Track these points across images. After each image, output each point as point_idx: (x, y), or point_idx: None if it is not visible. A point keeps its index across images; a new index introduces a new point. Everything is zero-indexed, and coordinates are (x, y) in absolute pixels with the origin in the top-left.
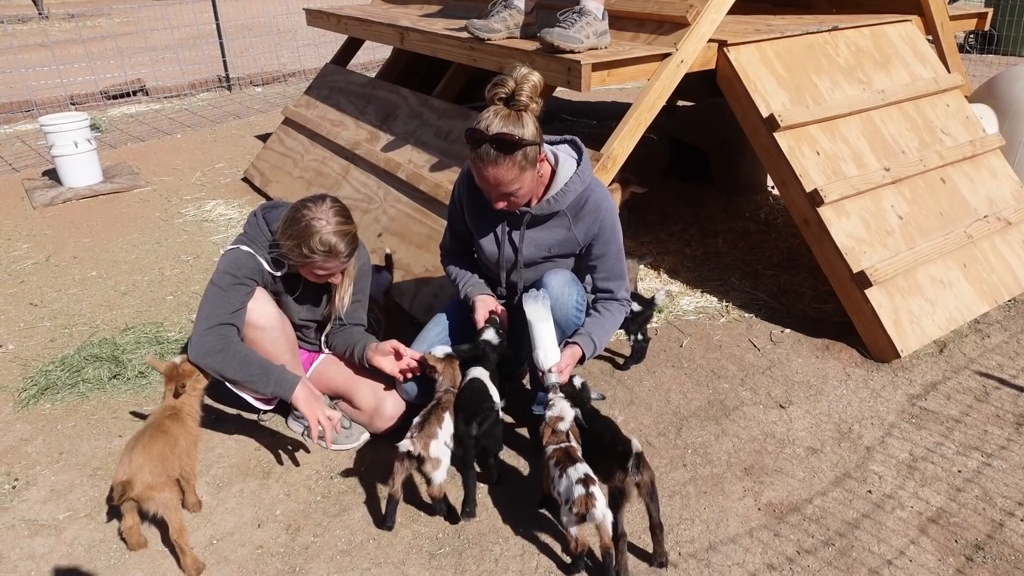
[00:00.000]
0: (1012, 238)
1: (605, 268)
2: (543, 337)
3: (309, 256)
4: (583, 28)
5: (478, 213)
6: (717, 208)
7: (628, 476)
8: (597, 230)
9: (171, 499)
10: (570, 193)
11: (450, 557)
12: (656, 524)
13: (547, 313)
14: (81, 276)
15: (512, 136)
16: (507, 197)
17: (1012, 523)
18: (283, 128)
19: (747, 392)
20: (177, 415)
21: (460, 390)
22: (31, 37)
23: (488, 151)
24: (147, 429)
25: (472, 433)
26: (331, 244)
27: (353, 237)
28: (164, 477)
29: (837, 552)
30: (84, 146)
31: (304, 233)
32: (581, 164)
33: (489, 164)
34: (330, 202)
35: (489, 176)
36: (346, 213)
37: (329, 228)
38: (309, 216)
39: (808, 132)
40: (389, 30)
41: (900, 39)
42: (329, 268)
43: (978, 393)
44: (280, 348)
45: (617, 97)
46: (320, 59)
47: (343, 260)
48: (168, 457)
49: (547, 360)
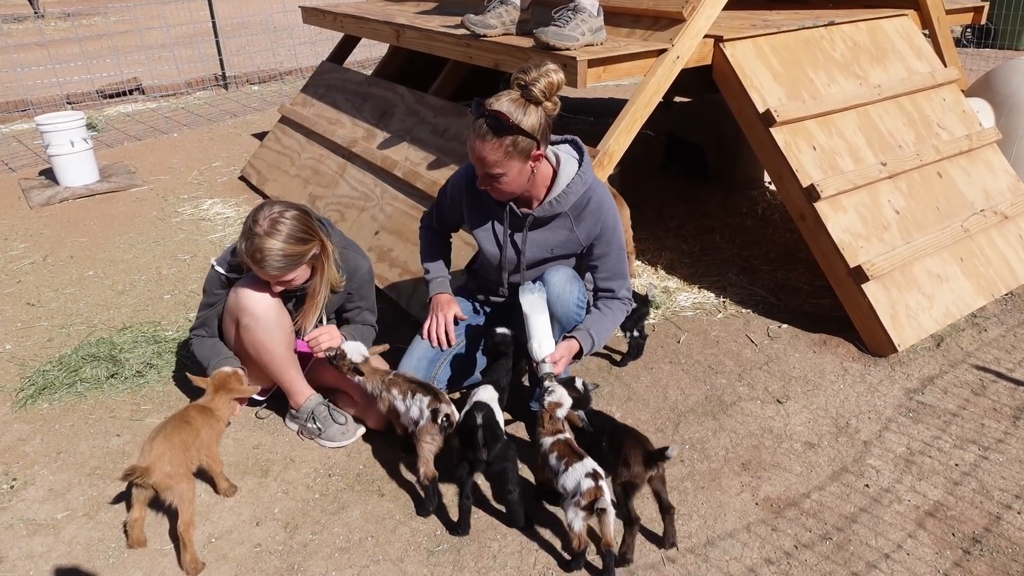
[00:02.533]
0: (1009, 232)
1: (606, 268)
2: (538, 328)
3: (243, 256)
4: (578, 25)
5: (479, 212)
6: (714, 204)
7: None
8: (599, 230)
9: (187, 491)
10: (572, 195)
11: (448, 554)
12: (667, 506)
13: (543, 305)
14: (78, 275)
15: (508, 119)
16: (490, 181)
17: (1009, 516)
18: (280, 126)
19: (744, 387)
20: (206, 410)
21: (467, 411)
22: (27, 36)
23: (481, 125)
24: (171, 420)
25: (483, 457)
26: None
27: (289, 257)
28: (184, 468)
29: (835, 546)
30: (80, 145)
31: (243, 236)
32: (582, 165)
33: (477, 138)
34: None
35: (476, 150)
36: (295, 232)
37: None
38: (256, 217)
39: (804, 127)
40: (385, 27)
41: (896, 33)
42: (263, 277)
43: (975, 387)
44: (275, 339)
45: (613, 93)
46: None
47: (272, 271)
48: (189, 448)
49: (541, 351)
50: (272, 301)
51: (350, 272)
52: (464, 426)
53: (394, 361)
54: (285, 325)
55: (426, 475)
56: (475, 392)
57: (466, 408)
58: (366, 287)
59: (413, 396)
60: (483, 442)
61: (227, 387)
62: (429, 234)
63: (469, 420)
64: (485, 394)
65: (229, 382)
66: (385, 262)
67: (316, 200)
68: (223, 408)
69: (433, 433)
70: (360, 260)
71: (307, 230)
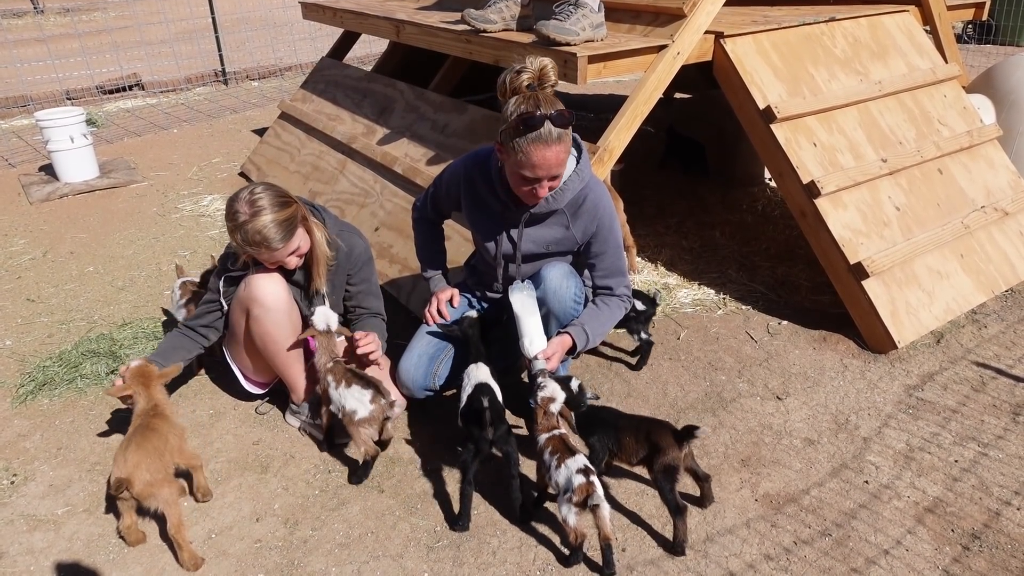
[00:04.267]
0: (1009, 228)
1: (604, 266)
2: (529, 326)
3: (242, 249)
4: (579, 20)
5: (477, 211)
6: (714, 200)
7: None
8: (595, 228)
9: (170, 495)
10: (568, 192)
11: (448, 550)
12: (703, 476)
13: (533, 303)
14: (78, 271)
15: (566, 112)
16: (547, 184)
17: (1008, 512)
18: (279, 122)
19: (744, 384)
20: (160, 413)
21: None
22: (26, 32)
23: (551, 130)
24: (137, 430)
25: (488, 437)
26: (259, 238)
27: (281, 223)
28: (162, 473)
29: (834, 542)
30: (80, 141)
31: (231, 228)
32: (580, 162)
33: (547, 145)
34: (251, 194)
35: (547, 158)
36: (271, 196)
37: (254, 223)
38: (231, 210)
39: (805, 123)
40: (385, 23)
41: (897, 29)
42: (267, 259)
43: (975, 383)
44: (284, 331)
45: (614, 90)
46: (316, 53)
47: (274, 247)
48: (163, 453)
49: (533, 347)
50: (284, 294)
51: (347, 251)
52: (469, 408)
53: (395, 357)
54: (295, 319)
55: (368, 452)
56: (469, 372)
57: (468, 391)
58: (366, 268)
59: (349, 387)
60: (490, 422)
61: (148, 377)
62: (424, 227)
63: (475, 402)
64: (482, 374)
65: (146, 371)
66: (385, 258)
67: (316, 196)
68: (163, 400)
69: (375, 424)
70: (356, 240)
71: (282, 194)
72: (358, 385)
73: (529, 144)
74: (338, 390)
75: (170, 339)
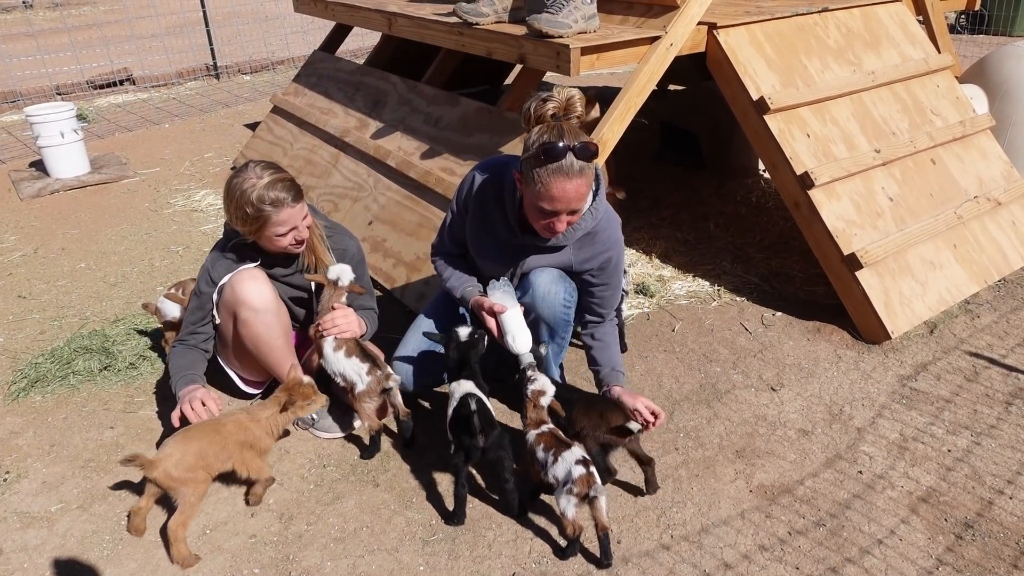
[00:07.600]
0: (1002, 218)
1: (604, 296)
2: (511, 323)
3: (259, 214)
4: (571, 12)
5: (483, 231)
6: (708, 192)
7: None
8: (601, 264)
9: (190, 495)
10: (580, 229)
11: (443, 543)
12: (645, 459)
13: (512, 300)
14: (70, 268)
15: (591, 144)
16: (574, 214)
17: (1001, 501)
18: (272, 116)
19: (739, 375)
20: (257, 421)
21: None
22: (15, 26)
23: (573, 162)
24: (208, 422)
25: (479, 444)
26: (274, 195)
27: (291, 182)
28: (190, 473)
29: (828, 532)
30: (71, 136)
31: (244, 198)
32: (596, 198)
33: (568, 178)
34: (254, 165)
35: (567, 191)
36: (274, 166)
37: (263, 182)
38: (239, 183)
39: (798, 114)
40: (377, 16)
41: (890, 20)
42: (284, 220)
43: (968, 373)
44: (273, 332)
45: (607, 81)
46: (308, 46)
47: (291, 204)
48: (205, 455)
49: (518, 345)
50: (271, 293)
51: (340, 252)
52: (459, 415)
53: (388, 351)
54: (283, 317)
55: (373, 427)
56: (453, 388)
57: (457, 398)
58: (359, 268)
59: (349, 356)
60: (479, 428)
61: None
62: (449, 261)
63: (463, 409)
64: (467, 386)
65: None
66: (379, 252)
67: (310, 191)
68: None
69: (373, 395)
70: (348, 240)
71: (275, 163)
72: (357, 357)
73: (549, 175)
74: (336, 354)
75: (181, 357)
